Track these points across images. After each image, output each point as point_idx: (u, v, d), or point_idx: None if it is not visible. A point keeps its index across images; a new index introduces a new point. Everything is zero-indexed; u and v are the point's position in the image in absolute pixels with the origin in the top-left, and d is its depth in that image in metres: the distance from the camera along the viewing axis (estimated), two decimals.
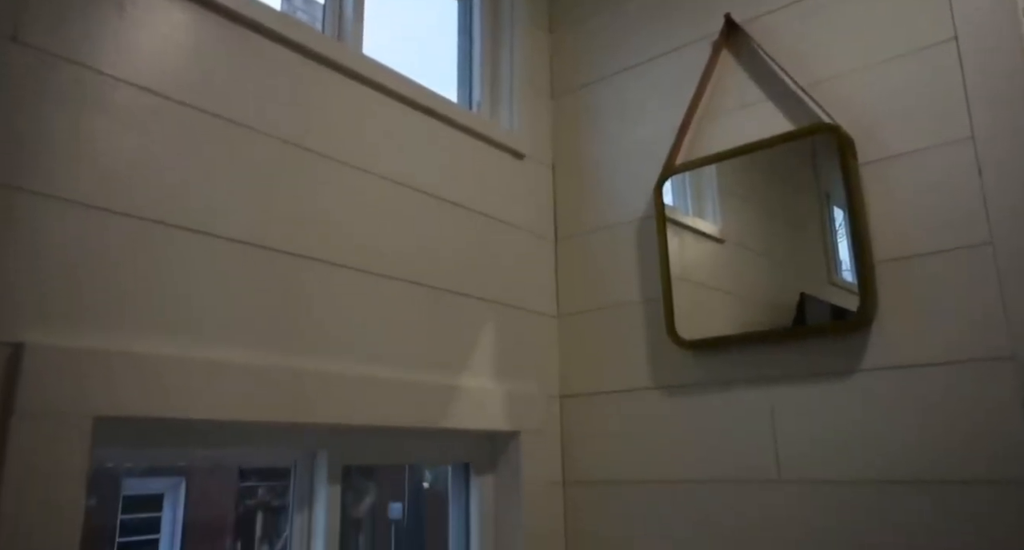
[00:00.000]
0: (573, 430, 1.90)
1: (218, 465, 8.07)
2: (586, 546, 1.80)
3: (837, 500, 1.46)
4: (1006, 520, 1.27)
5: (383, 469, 11.50)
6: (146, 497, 8.13)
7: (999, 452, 1.30)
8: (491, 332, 1.77)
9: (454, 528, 1.76)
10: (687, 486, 1.66)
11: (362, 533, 11.24)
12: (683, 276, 1.75)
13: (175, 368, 1.14)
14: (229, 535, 8.61)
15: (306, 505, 1.43)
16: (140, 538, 8.13)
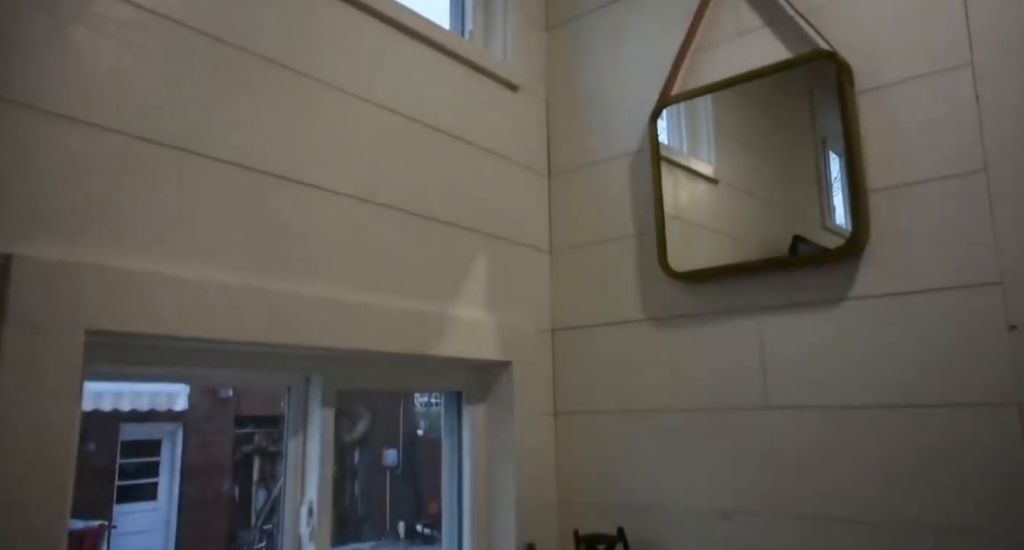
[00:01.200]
0: (564, 362, 1.92)
1: (213, 385, 8.12)
2: (577, 474, 1.84)
3: (825, 425, 1.49)
4: (990, 441, 1.30)
5: (379, 417, 11.65)
6: (144, 442, 8.26)
7: (984, 376, 1.32)
8: (483, 264, 1.78)
9: (447, 455, 1.79)
10: (677, 415, 1.69)
11: (358, 479, 11.46)
12: (676, 215, 1.75)
13: (167, 286, 1.14)
14: (227, 479, 8.80)
15: (301, 428, 1.45)
16: (139, 481, 8.29)
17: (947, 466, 1.34)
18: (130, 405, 6.98)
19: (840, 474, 1.45)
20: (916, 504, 1.36)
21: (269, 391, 8.24)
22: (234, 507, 8.85)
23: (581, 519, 1.72)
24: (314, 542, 1.39)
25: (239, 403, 8.95)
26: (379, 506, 10.91)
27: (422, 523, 10.27)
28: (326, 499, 1.42)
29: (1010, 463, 1.28)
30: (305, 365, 1.44)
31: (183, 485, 8.27)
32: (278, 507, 1.44)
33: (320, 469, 1.42)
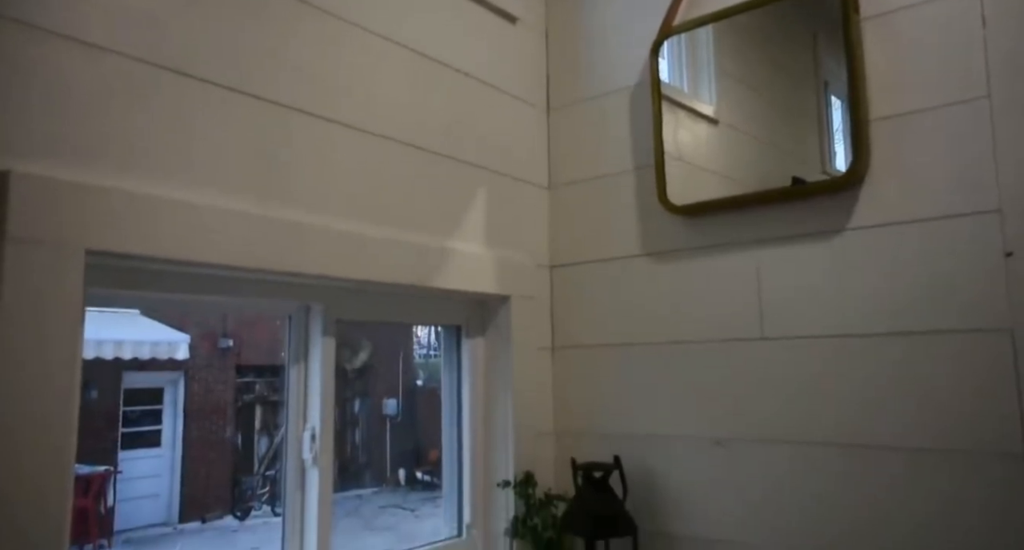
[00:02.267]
0: (562, 298, 1.93)
1: (212, 312, 8.14)
2: (574, 407, 1.87)
3: (819, 355, 1.51)
4: (982, 367, 1.32)
5: (378, 367, 11.73)
6: (147, 390, 8.35)
7: (979, 304, 1.34)
8: (482, 199, 1.77)
9: (446, 388, 1.82)
10: (673, 347, 1.71)
11: (359, 428, 11.64)
12: (677, 155, 1.74)
13: (169, 209, 1.13)
14: (229, 426, 8.93)
15: (302, 357, 1.47)
16: (143, 428, 8.40)
17: (940, 392, 1.36)
18: (131, 354, 7.04)
19: (833, 401, 1.48)
20: (907, 428, 1.39)
21: (270, 317, 8.30)
22: (237, 454, 9.01)
23: (578, 449, 1.75)
24: (317, 466, 1.42)
25: (239, 352, 9.03)
26: (380, 454, 11.12)
27: (422, 470, 10.48)
28: (328, 425, 1.44)
29: (1000, 388, 1.30)
30: (305, 294, 1.45)
31: (186, 432, 8.41)
32: (280, 454, 1.46)
33: (322, 396, 1.44)
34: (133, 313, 7.75)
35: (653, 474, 1.70)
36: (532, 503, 1.63)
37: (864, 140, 1.46)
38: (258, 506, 8.68)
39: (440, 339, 1.86)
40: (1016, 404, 1.29)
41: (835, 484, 1.46)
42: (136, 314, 7.78)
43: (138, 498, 7.74)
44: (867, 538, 1.41)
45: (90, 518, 6.52)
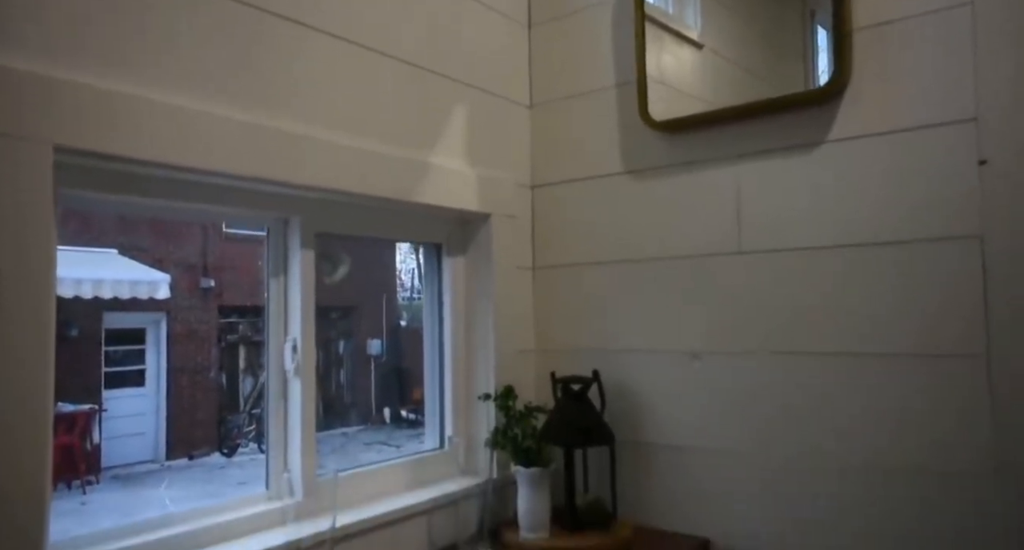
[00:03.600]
0: (544, 218, 1.93)
1: (186, 221, 8.04)
2: (554, 325, 1.89)
3: (795, 267, 1.53)
4: (951, 274, 1.35)
5: (362, 309, 11.75)
6: (128, 331, 8.32)
7: (952, 211, 1.35)
8: (465, 115, 1.75)
9: (427, 304, 1.83)
10: (652, 264, 1.73)
11: (344, 368, 11.74)
12: (659, 78, 1.72)
13: (143, 109, 1.11)
14: (214, 366, 8.97)
15: (281, 270, 1.47)
16: (126, 368, 8.41)
17: (911, 298, 1.39)
18: (111, 293, 7.00)
19: (807, 312, 1.51)
20: (880, 335, 1.42)
21: (251, 257, 8.24)
22: (222, 393, 9.10)
23: (558, 365, 1.78)
24: (299, 377, 1.43)
25: (221, 293, 9.01)
26: (365, 393, 11.27)
27: (407, 409, 10.66)
28: (309, 336, 1.45)
29: (967, 292, 1.33)
30: (284, 205, 1.43)
31: (170, 372, 8.45)
32: (265, 393, 1.47)
33: (302, 308, 1.45)
34: (111, 253, 7.68)
35: (630, 387, 1.74)
36: (512, 415, 1.66)
37: (846, 50, 1.45)
38: (245, 443, 8.82)
39: (422, 258, 1.85)
40: (981, 308, 1.32)
41: (807, 392, 1.50)
42: (114, 254, 7.71)
43: (124, 436, 7.82)
44: (838, 441, 1.46)
45: (76, 454, 6.59)
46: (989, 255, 1.31)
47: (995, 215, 1.31)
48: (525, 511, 1.60)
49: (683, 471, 1.66)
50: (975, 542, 1.31)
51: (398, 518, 1.49)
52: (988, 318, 1.32)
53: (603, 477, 1.72)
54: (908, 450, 1.38)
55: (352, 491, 1.48)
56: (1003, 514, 1.29)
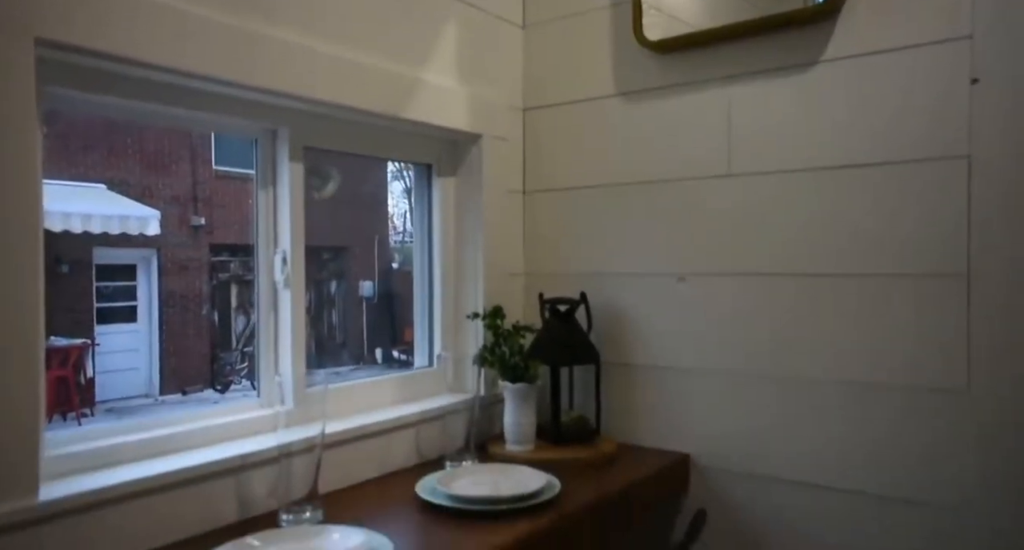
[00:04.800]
0: (535, 141, 1.92)
1: (175, 128, 8.04)
2: (543, 249, 1.91)
3: (784, 189, 1.54)
4: (941, 190, 1.36)
5: (353, 250, 11.74)
6: (119, 267, 8.31)
7: (942, 131, 1.36)
8: (456, 32, 1.72)
9: (417, 225, 1.84)
10: (642, 187, 1.73)
11: (335, 309, 11.79)
12: (655, 4, 1.67)
13: (130, 4, 1.08)
14: (206, 304, 8.99)
15: (270, 182, 1.46)
16: (118, 304, 8.43)
17: (898, 219, 1.41)
18: (100, 228, 6.95)
19: (795, 234, 1.52)
20: (867, 256, 1.44)
21: (241, 195, 8.20)
22: (214, 331, 9.15)
23: (546, 288, 1.80)
24: (289, 288, 1.44)
25: (212, 231, 8.97)
26: (357, 334, 11.37)
27: (398, 349, 10.77)
28: (299, 249, 1.46)
29: (954, 214, 1.35)
30: (272, 116, 1.42)
31: (162, 309, 8.47)
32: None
33: (291, 221, 1.45)
34: (99, 187, 7.61)
35: (617, 309, 1.76)
36: (500, 334, 1.69)
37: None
38: (237, 381, 8.92)
39: (412, 178, 1.84)
40: (965, 229, 1.34)
41: (791, 313, 1.53)
42: (102, 189, 7.63)
43: (118, 371, 7.90)
44: (818, 359, 1.50)
45: (70, 387, 6.66)
46: (975, 175, 1.32)
47: (983, 134, 1.31)
48: (511, 425, 1.64)
49: (666, 390, 1.70)
50: (943, 454, 1.36)
51: (387, 429, 1.53)
52: (970, 239, 1.33)
53: (588, 396, 1.76)
54: (888, 368, 1.42)
55: (342, 403, 1.52)
56: (972, 430, 1.33)
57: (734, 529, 1.59)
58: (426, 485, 1.36)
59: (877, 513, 1.43)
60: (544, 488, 1.34)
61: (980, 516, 1.32)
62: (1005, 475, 1.30)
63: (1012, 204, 1.29)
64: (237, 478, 1.25)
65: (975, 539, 1.33)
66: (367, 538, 1.10)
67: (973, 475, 1.33)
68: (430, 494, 1.33)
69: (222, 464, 1.22)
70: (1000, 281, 1.31)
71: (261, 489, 1.28)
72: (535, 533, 1.20)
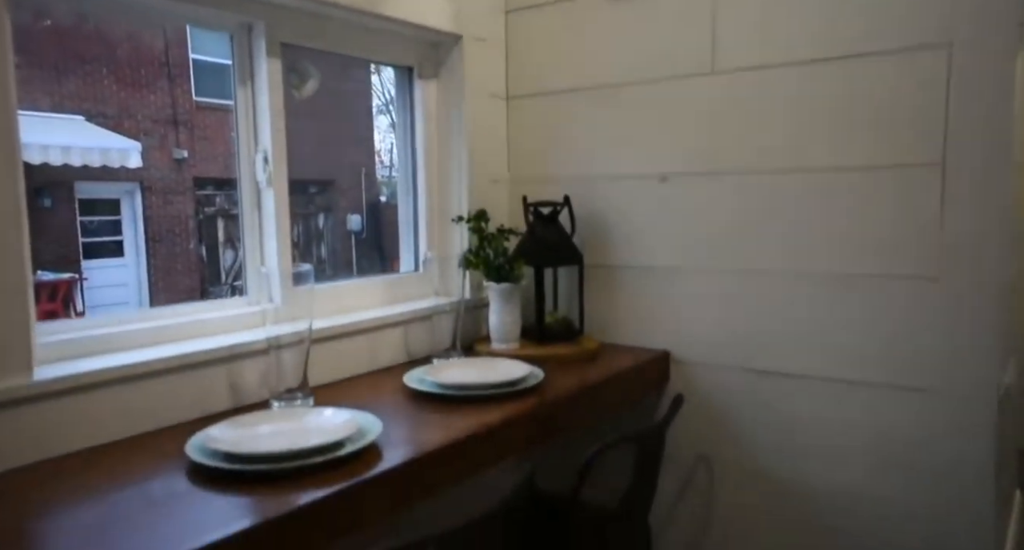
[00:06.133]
0: (517, 43, 1.89)
1: (144, 26, 7.79)
2: (527, 153, 1.90)
3: (767, 86, 1.53)
4: (922, 82, 1.37)
5: (340, 183, 11.64)
6: (103, 201, 8.22)
7: (928, 20, 1.35)
8: None
9: (399, 130, 1.83)
10: (626, 88, 1.72)
11: (324, 242, 11.77)
12: None
13: None
14: (193, 239, 8.95)
15: (248, 79, 1.44)
16: (104, 239, 8.38)
17: (875, 111, 1.41)
18: (81, 160, 6.84)
19: (778, 131, 1.53)
20: (848, 149, 1.46)
21: (223, 128, 8.07)
22: (203, 265, 9.14)
23: (531, 192, 1.81)
24: (272, 187, 1.44)
25: (196, 164, 8.84)
26: (346, 267, 11.37)
27: None
28: (280, 147, 1.45)
29: (934, 103, 1.35)
30: (247, 8, 1.39)
31: (149, 244, 8.43)
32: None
33: (271, 119, 1.44)
34: (77, 119, 7.44)
35: (600, 212, 1.78)
36: (485, 236, 1.70)
37: None
38: None
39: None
40: (942, 119, 1.35)
41: (768, 208, 1.55)
42: (80, 120, 7.47)
43: (107, 305, 7.91)
44: (793, 253, 1.53)
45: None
46: (955, 65, 1.32)
47: (962, 22, 1.31)
48: (496, 324, 1.68)
49: (647, 290, 1.73)
50: (915, 337, 1.41)
51: (375, 327, 1.56)
52: (947, 129, 1.35)
53: (571, 299, 1.79)
54: (862, 258, 1.45)
55: (329, 303, 1.54)
56: (939, 315, 1.38)
57: (707, 411, 1.66)
58: (414, 376, 1.40)
59: (845, 396, 1.49)
60: (528, 376, 1.39)
61: (945, 398, 1.38)
62: (969, 359, 1.35)
63: (987, 101, 1.30)
64: (228, 367, 1.28)
65: (942, 419, 1.39)
66: (357, 415, 1.14)
67: (939, 359, 1.38)
68: (418, 383, 1.37)
69: (213, 353, 1.25)
70: (974, 170, 1.33)
71: (252, 379, 1.32)
72: (521, 414, 1.25)
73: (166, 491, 0.91)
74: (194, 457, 0.98)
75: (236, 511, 0.85)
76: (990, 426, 1.35)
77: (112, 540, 0.78)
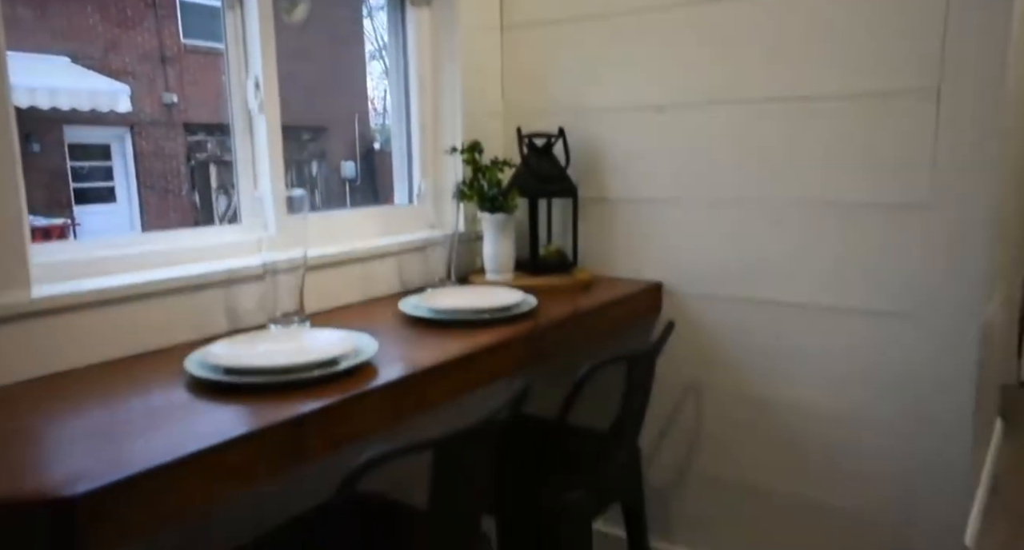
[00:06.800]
0: None
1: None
2: (522, 86, 1.88)
3: (765, 8, 1.51)
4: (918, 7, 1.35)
5: (334, 130, 11.50)
6: (93, 146, 8.12)
7: None
8: None
9: (392, 61, 1.80)
10: (623, 18, 1.69)
11: (318, 190, 11.69)
12: None
13: None
14: (185, 184, 8.88)
15: (236, 3, 1.41)
16: (95, 184, 8.31)
17: (875, 39, 1.40)
18: (69, 103, 6.72)
19: (773, 57, 1.51)
20: (838, 76, 1.45)
21: (214, 71, 7.92)
22: (196, 212, 9.08)
23: (525, 122, 1.80)
24: (264, 113, 1.43)
25: (186, 110, 8.70)
26: None
27: None
28: (271, 74, 1.43)
29: (929, 26, 1.34)
30: None
31: (141, 189, 8.36)
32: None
33: (261, 45, 1.41)
34: (63, 61, 7.28)
35: (596, 144, 1.77)
36: (479, 168, 1.70)
37: None
38: None
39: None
40: (940, 43, 1.34)
41: (763, 137, 1.55)
42: (66, 62, 7.31)
43: None
44: (781, 180, 1.53)
45: None
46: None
47: None
48: (491, 255, 1.69)
49: (641, 222, 1.74)
50: (903, 265, 1.43)
51: (369, 256, 1.57)
52: (944, 55, 1.34)
53: (565, 232, 1.80)
54: (854, 187, 1.46)
55: (324, 233, 1.55)
56: (928, 243, 1.39)
57: (697, 340, 1.69)
58: (409, 302, 1.42)
59: (832, 322, 1.51)
60: (522, 302, 1.41)
61: (930, 325, 1.41)
62: (957, 285, 1.38)
63: (984, 27, 1.29)
64: (226, 291, 1.29)
65: (925, 345, 1.42)
66: (353, 336, 1.16)
67: (926, 285, 1.41)
68: (413, 309, 1.39)
69: (210, 277, 1.26)
70: (970, 96, 1.32)
71: (250, 304, 1.34)
72: (515, 337, 1.27)
73: (167, 402, 0.93)
74: (193, 371, 1.00)
75: (236, 419, 0.87)
76: (971, 353, 1.38)
77: (116, 441, 0.80)
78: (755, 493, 1.66)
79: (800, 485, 1.60)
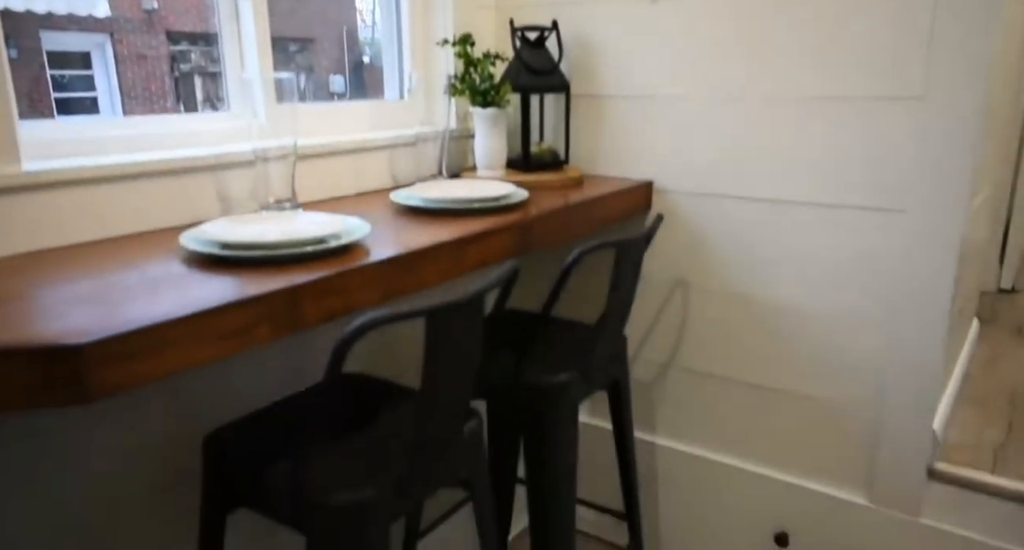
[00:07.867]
0: None
1: None
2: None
3: None
4: None
5: (321, 42, 11.14)
6: (72, 54, 7.85)
7: None
8: None
9: None
10: None
11: (305, 103, 11.37)
12: None
13: None
14: (170, 96, 8.65)
15: None
16: (77, 94, 8.07)
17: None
18: (44, 7, 6.45)
19: None
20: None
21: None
22: None
23: (517, 14, 1.76)
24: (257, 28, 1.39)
25: (168, 16, 8.37)
26: None
27: None
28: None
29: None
30: None
31: (124, 101, 8.14)
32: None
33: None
34: None
35: (589, 37, 1.74)
36: (470, 61, 1.67)
37: None
38: None
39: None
40: None
41: (752, 31, 1.52)
42: None
43: None
44: (772, 73, 1.52)
45: None
46: None
47: None
48: (482, 151, 1.68)
49: (633, 120, 1.73)
50: (892, 158, 1.44)
51: (361, 148, 1.56)
52: None
53: (558, 132, 1.79)
54: (844, 78, 1.45)
55: (315, 124, 1.53)
56: (919, 134, 1.40)
57: (686, 238, 1.71)
58: (400, 193, 1.43)
59: (818, 218, 1.53)
60: (513, 193, 1.42)
61: (918, 219, 1.43)
62: (946, 179, 1.39)
63: None
64: (216, 176, 1.29)
65: (912, 240, 1.45)
66: (346, 219, 1.17)
67: (916, 180, 1.42)
68: (404, 199, 1.39)
69: (200, 160, 1.26)
70: None
71: (241, 191, 1.34)
72: (506, 225, 1.28)
73: (164, 272, 0.95)
74: (189, 246, 1.01)
75: (234, 288, 0.89)
76: (955, 249, 1.41)
77: (114, 305, 0.82)
78: (737, 387, 1.73)
79: (781, 380, 1.66)
